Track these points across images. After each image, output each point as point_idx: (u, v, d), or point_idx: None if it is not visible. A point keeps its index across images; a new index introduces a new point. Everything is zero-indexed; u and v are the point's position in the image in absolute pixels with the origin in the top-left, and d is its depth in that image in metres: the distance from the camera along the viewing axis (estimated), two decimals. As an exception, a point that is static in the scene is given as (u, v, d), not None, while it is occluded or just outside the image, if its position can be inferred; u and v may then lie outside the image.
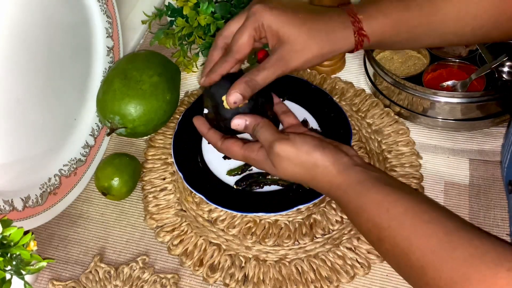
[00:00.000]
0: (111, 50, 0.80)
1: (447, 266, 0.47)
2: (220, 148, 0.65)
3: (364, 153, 0.74)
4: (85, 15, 0.75)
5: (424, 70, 0.78)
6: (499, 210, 0.68)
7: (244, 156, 0.63)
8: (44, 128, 0.69)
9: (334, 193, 0.58)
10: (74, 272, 0.67)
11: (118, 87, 0.74)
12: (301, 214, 0.69)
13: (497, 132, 0.76)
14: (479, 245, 0.47)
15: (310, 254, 0.66)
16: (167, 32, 0.87)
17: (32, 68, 0.65)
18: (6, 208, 0.61)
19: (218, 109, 0.64)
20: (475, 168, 0.73)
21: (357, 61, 0.87)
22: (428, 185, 0.71)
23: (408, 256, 0.50)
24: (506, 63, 0.76)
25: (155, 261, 0.68)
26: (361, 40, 0.61)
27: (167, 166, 0.76)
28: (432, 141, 0.76)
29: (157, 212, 0.71)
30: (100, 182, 0.71)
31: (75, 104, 0.76)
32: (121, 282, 0.65)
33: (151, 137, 0.79)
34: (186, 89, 0.87)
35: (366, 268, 0.64)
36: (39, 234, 0.71)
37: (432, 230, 0.49)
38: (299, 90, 0.79)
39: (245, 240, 0.67)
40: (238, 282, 0.64)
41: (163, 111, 0.76)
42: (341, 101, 0.80)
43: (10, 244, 0.55)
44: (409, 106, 0.77)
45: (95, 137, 0.78)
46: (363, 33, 0.61)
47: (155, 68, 0.76)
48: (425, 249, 0.49)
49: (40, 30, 0.66)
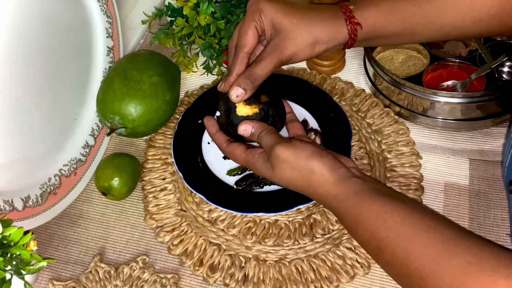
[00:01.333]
0: (111, 50, 0.80)
1: (446, 274, 0.47)
2: (224, 151, 0.67)
3: (364, 153, 0.74)
4: (85, 15, 0.75)
5: (424, 70, 0.78)
6: (499, 210, 0.68)
7: (245, 160, 0.64)
8: (44, 128, 0.69)
9: (331, 203, 0.58)
10: (74, 272, 0.67)
11: (118, 87, 0.74)
12: (301, 214, 0.69)
13: (497, 132, 0.76)
14: (477, 252, 0.47)
15: (310, 254, 0.66)
16: (167, 32, 0.87)
17: (32, 68, 0.65)
18: (6, 208, 0.61)
19: (229, 114, 0.66)
20: (475, 168, 0.73)
21: (357, 61, 0.87)
22: (428, 185, 0.71)
23: (406, 265, 0.50)
24: (506, 63, 0.76)
25: (155, 261, 0.68)
26: (354, 29, 0.62)
27: (167, 166, 0.76)
28: (432, 141, 0.76)
29: (157, 212, 0.71)
30: (100, 182, 0.71)
31: (75, 104, 0.76)
32: (121, 282, 0.65)
33: (151, 137, 0.79)
34: (186, 89, 0.87)
35: (366, 268, 0.64)
36: (39, 234, 0.71)
37: (430, 239, 0.49)
38: (299, 90, 0.79)
39: (245, 240, 0.67)
40: (238, 282, 0.64)
41: (163, 111, 0.76)
42: (341, 101, 0.80)
43: (10, 244, 0.55)
44: (409, 106, 0.77)
45: (95, 137, 0.78)
46: (354, 21, 0.61)
47: (155, 68, 0.76)
48: (423, 258, 0.49)
49: (40, 30, 0.66)
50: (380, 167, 0.73)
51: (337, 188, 0.56)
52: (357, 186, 0.56)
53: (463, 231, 0.51)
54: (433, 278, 0.47)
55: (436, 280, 0.47)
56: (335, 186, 0.56)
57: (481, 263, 0.46)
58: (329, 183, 0.57)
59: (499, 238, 0.65)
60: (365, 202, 0.54)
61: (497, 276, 0.44)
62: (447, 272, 0.47)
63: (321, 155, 0.58)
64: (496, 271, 0.45)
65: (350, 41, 0.63)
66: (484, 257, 0.46)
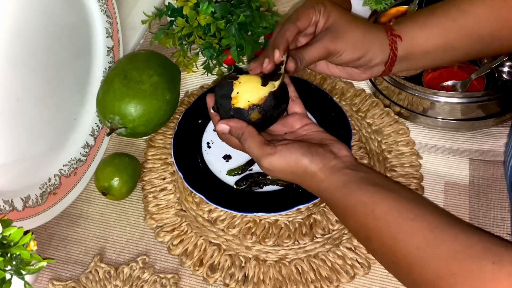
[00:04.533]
0: (111, 50, 0.80)
1: (432, 262, 0.47)
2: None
3: (364, 153, 0.74)
4: (85, 15, 0.75)
5: (424, 70, 0.78)
6: (499, 210, 0.68)
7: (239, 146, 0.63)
8: (44, 128, 0.69)
9: (323, 196, 0.59)
10: (74, 272, 0.67)
11: (118, 87, 0.74)
12: (301, 214, 0.69)
13: (497, 132, 0.76)
14: (464, 239, 0.47)
15: (310, 254, 0.66)
16: (167, 32, 0.87)
17: (32, 68, 0.65)
18: (6, 208, 0.61)
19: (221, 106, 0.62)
20: (475, 168, 0.73)
21: (357, 61, 0.87)
22: (428, 185, 0.71)
23: (394, 254, 0.51)
24: (506, 63, 0.76)
25: (155, 261, 0.68)
26: (394, 41, 0.63)
27: (167, 166, 0.76)
28: (432, 141, 0.76)
29: (157, 212, 0.71)
30: (100, 182, 0.71)
31: (75, 104, 0.76)
32: (121, 282, 0.65)
33: (151, 137, 0.79)
34: (186, 89, 0.87)
35: (366, 268, 0.64)
36: (39, 234, 0.71)
37: (417, 227, 0.50)
38: (299, 90, 0.78)
39: (245, 240, 0.67)
40: (238, 282, 0.64)
41: (163, 111, 0.76)
42: (341, 101, 0.80)
43: (10, 244, 0.55)
44: (409, 106, 0.77)
45: (95, 137, 0.78)
46: (395, 33, 0.63)
47: (155, 68, 0.76)
48: (410, 246, 0.49)
49: (40, 30, 0.66)
50: (380, 167, 0.73)
51: (327, 182, 0.57)
52: (347, 178, 0.56)
53: (451, 218, 0.51)
54: (420, 265, 0.48)
55: (423, 267, 0.48)
56: (326, 181, 0.57)
57: (468, 250, 0.46)
58: (320, 178, 0.58)
59: (499, 238, 0.66)
60: (353, 193, 0.55)
61: (483, 262, 0.45)
62: (433, 260, 0.47)
63: (311, 153, 0.58)
64: (483, 258, 0.45)
65: (391, 54, 0.64)
66: (470, 244, 0.47)
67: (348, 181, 0.56)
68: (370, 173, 0.58)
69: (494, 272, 0.44)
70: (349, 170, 0.57)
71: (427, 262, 0.48)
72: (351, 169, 0.57)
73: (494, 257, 0.45)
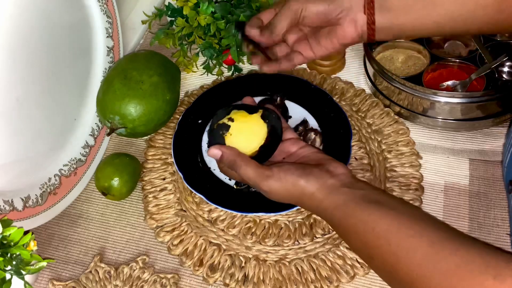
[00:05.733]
0: (111, 50, 0.80)
1: (434, 278, 0.47)
2: None
3: (364, 153, 0.74)
4: (85, 15, 0.75)
5: (424, 70, 0.78)
6: (499, 210, 0.68)
7: None
8: (44, 128, 0.69)
9: (323, 216, 0.59)
10: (74, 272, 0.67)
11: (118, 87, 0.74)
12: (301, 214, 0.69)
13: (497, 132, 0.76)
14: (464, 254, 0.47)
15: (310, 254, 0.66)
16: (167, 32, 0.87)
17: (32, 68, 0.65)
18: (6, 208, 0.61)
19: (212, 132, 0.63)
20: (475, 168, 0.73)
21: (357, 61, 0.87)
22: (428, 185, 0.71)
23: (396, 271, 0.50)
24: (506, 63, 0.76)
25: (155, 261, 0.68)
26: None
27: (167, 166, 0.76)
28: (432, 141, 0.76)
29: (157, 212, 0.71)
30: (100, 182, 0.71)
31: (75, 104, 0.76)
32: (121, 282, 0.65)
33: (151, 137, 0.79)
34: (186, 89, 0.87)
35: (366, 268, 0.64)
36: (39, 234, 0.71)
37: (417, 243, 0.50)
38: (299, 90, 0.79)
39: (245, 240, 0.67)
40: (238, 282, 0.64)
41: (163, 111, 0.76)
42: (341, 101, 0.80)
43: (10, 244, 0.55)
44: (409, 106, 0.77)
45: (95, 137, 0.78)
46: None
47: (155, 68, 0.76)
48: (410, 263, 0.49)
49: (40, 30, 0.66)
50: (380, 167, 0.73)
51: (326, 202, 0.57)
52: (345, 197, 0.56)
53: (452, 232, 0.51)
54: (422, 282, 0.48)
55: (425, 284, 0.48)
56: (325, 201, 0.57)
57: (469, 265, 0.46)
58: (319, 199, 0.57)
59: (499, 238, 0.65)
60: (353, 213, 0.55)
61: (484, 277, 0.45)
62: (435, 276, 0.47)
63: (306, 174, 0.58)
64: (483, 272, 0.45)
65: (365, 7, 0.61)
66: (471, 259, 0.46)
67: (347, 200, 0.56)
68: (368, 189, 0.58)
69: (495, 287, 0.44)
70: (347, 189, 0.57)
71: (429, 279, 0.47)
72: (349, 187, 0.57)
73: (495, 271, 0.44)
